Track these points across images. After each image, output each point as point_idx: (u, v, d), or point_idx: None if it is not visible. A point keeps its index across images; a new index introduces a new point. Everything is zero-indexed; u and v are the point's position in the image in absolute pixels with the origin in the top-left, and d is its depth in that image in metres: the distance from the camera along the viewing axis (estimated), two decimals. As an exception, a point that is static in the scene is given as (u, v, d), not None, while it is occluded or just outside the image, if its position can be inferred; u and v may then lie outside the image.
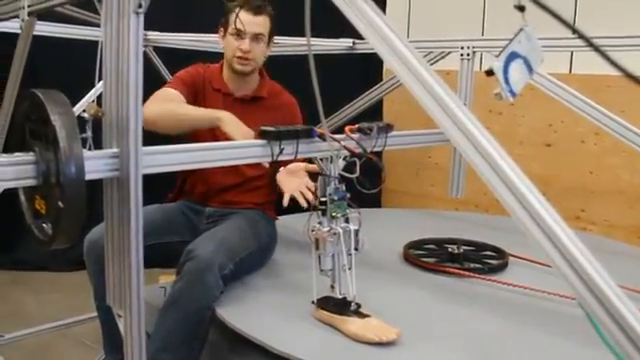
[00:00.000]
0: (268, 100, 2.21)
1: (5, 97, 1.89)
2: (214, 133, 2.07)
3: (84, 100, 2.51)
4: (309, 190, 1.85)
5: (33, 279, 3.77)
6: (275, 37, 2.23)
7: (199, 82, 2.16)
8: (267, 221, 2.15)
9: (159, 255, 1.86)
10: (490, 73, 1.01)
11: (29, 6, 1.69)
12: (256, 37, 2.11)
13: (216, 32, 2.22)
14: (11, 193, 1.26)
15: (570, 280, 0.81)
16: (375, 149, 1.69)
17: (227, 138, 1.87)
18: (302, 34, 1.34)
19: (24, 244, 3.83)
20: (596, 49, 0.85)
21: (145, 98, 1.22)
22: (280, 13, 2.17)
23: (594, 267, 0.79)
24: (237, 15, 2.07)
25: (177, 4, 3.78)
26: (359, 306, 1.57)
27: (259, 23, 2.11)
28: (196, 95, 2.15)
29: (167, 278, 2.37)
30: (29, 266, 3.87)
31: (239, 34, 2.09)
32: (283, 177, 1.95)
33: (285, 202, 1.88)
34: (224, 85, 2.19)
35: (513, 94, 1.03)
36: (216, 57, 2.30)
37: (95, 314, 2.08)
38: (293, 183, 1.90)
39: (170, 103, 2.00)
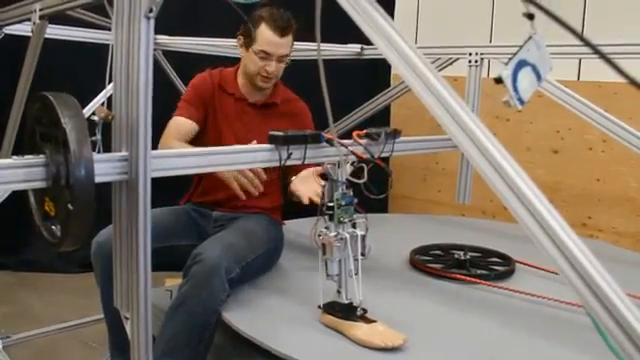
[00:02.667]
0: (281, 106, 2.22)
1: (15, 99, 1.90)
2: (219, 139, 2.08)
3: (93, 103, 2.53)
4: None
5: (40, 280, 3.79)
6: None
7: (206, 92, 2.17)
8: (274, 225, 2.15)
9: (166, 258, 1.87)
10: (499, 81, 1.02)
11: (41, 9, 1.70)
12: (282, 58, 2.12)
13: (225, 37, 2.22)
14: (18, 195, 1.27)
15: (577, 287, 0.81)
16: (382, 155, 1.69)
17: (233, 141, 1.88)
18: (310, 39, 1.33)
19: (31, 246, 3.85)
20: (602, 56, 0.85)
21: (153, 103, 1.23)
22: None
23: (601, 274, 0.79)
24: (263, 35, 2.06)
25: (186, 9, 3.79)
26: (365, 311, 1.57)
27: (285, 45, 2.11)
28: (206, 106, 2.16)
29: (173, 281, 2.37)
30: (36, 267, 3.89)
31: (266, 56, 2.09)
32: (298, 184, 1.95)
33: (306, 201, 1.88)
34: (238, 90, 2.20)
35: (522, 102, 1.03)
36: (225, 62, 2.31)
37: (100, 316, 2.09)
38: (311, 187, 1.90)
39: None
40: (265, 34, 2.07)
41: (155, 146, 1.24)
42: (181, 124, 2.11)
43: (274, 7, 2.09)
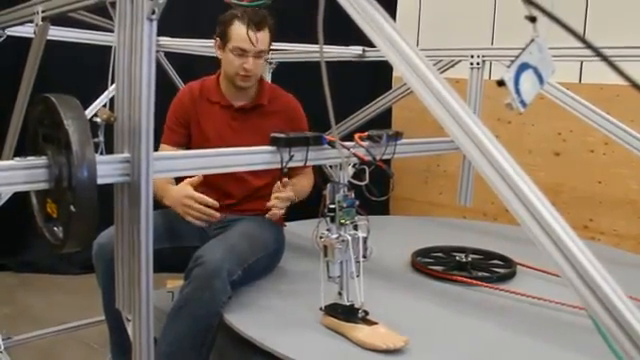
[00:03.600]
0: (268, 106, 2.19)
1: (17, 101, 1.90)
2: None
3: (94, 105, 2.53)
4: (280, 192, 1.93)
5: (40, 281, 3.79)
6: (285, 44, 2.23)
7: (186, 109, 2.16)
8: (275, 227, 2.14)
9: (167, 260, 1.87)
10: (501, 84, 1.02)
11: (43, 11, 1.70)
12: (258, 54, 2.09)
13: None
14: (19, 196, 1.27)
15: (579, 290, 0.81)
16: (384, 157, 1.70)
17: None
18: (311, 41, 1.33)
19: (32, 247, 3.85)
20: (605, 59, 0.85)
21: (155, 104, 1.23)
22: (288, 19, 2.16)
23: (603, 277, 0.79)
24: (237, 31, 2.03)
25: (188, 10, 3.80)
26: (367, 313, 1.57)
27: (262, 40, 2.06)
28: (188, 123, 2.15)
29: (174, 282, 2.37)
30: (37, 269, 3.89)
31: (242, 53, 2.06)
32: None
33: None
34: (222, 97, 2.17)
35: (524, 104, 1.04)
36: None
37: (102, 317, 2.09)
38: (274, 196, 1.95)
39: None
40: (238, 30, 2.04)
41: (157, 148, 1.25)
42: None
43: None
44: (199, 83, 2.22)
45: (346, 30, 1.43)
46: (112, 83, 1.28)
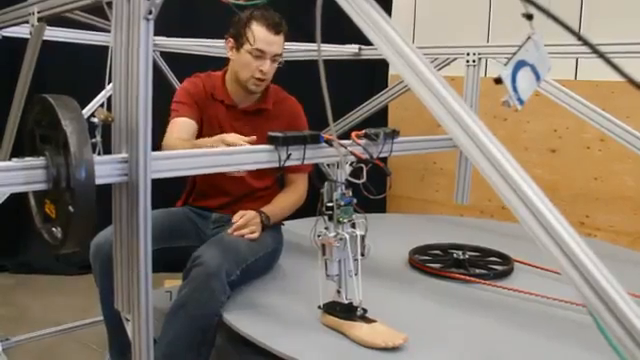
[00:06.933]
0: (273, 110, 2.18)
1: (14, 101, 1.90)
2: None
3: (91, 105, 2.53)
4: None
5: (38, 282, 3.77)
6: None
7: (199, 96, 2.12)
8: (273, 226, 2.15)
9: (165, 260, 1.86)
10: (499, 81, 1.02)
11: (39, 12, 1.70)
12: (275, 57, 2.07)
13: (222, 38, 2.19)
14: (17, 197, 1.27)
15: (579, 286, 0.81)
16: (381, 155, 1.70)
17: None
18: (304, 39, 1.32)
19: (29, 247, 3.84)
20: (601, 55, 0.85)
21: (152, 104, 1.23)
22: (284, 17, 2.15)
23: (603, 274, 0.80)
24: (256, 33, 2.01)
25: (184, 9, 3.79)
26: (365, 311, 1.58)
27: (279, 43, 2.05)
28: (201, 110, 2.12)
29: (172, 282, 2.37)
30: (34, 269, 3.88)
31: (260, 55, 2.04)
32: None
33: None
34: (227, 97, 2.15)
35: (521, 102, 1.04)
36: (223, 62, 2.29)
37: (100, 318, 2.09)
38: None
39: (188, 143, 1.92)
40: (259, 32, 2.01)
41: (155, 148, 1.24)
42: (184, 124, 2.03)
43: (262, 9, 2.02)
44: (206, 77, 2.18)
45: (342, 28, 1.43)
46: (109, 83, 1.28)
